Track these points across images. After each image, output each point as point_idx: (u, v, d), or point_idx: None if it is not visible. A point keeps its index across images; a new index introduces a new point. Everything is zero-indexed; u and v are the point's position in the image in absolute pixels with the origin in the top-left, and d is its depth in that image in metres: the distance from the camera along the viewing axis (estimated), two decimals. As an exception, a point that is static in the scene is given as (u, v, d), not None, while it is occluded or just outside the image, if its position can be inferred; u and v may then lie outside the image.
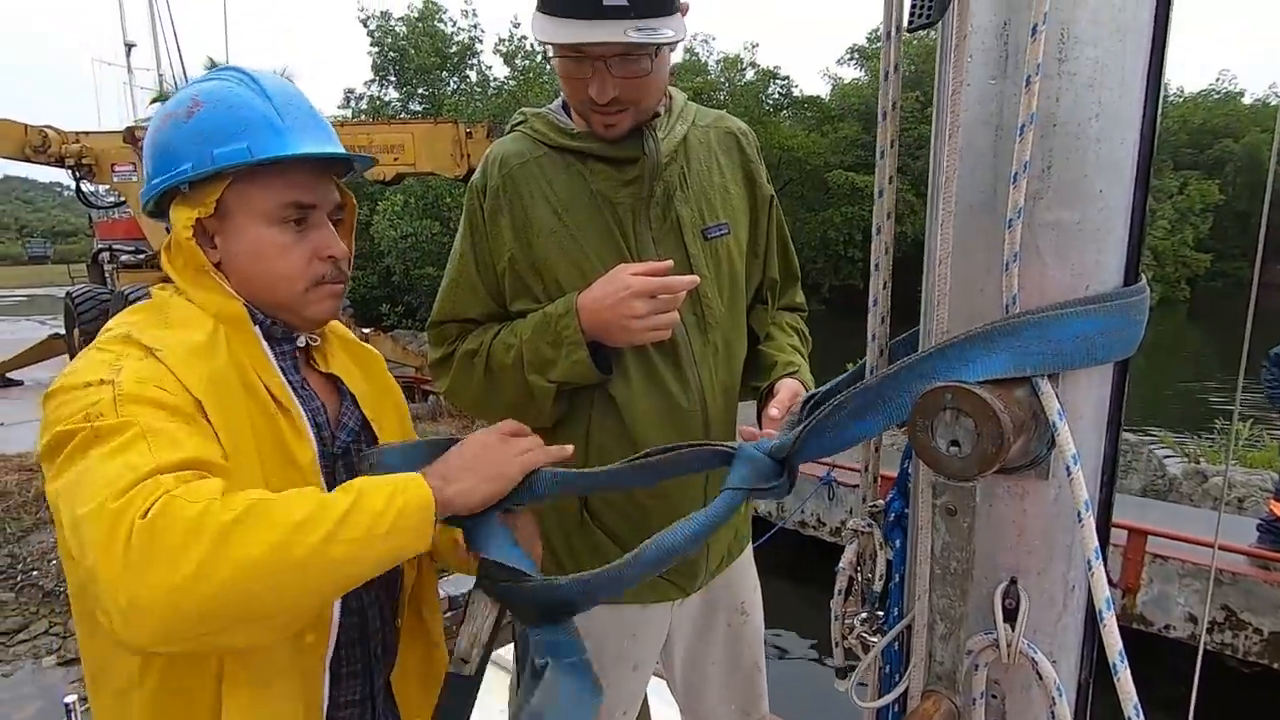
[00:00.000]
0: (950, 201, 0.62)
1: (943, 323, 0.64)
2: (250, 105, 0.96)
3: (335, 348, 1.10)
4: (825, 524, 7.39)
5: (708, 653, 1.50)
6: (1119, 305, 0.60)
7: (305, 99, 1.02)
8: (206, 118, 0.95)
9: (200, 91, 0.97)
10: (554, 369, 1.22)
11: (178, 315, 0.94)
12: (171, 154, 0.96)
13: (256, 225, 0.96)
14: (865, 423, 0.70)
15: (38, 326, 18.37)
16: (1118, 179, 0.59)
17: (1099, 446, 0.65)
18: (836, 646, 0.90)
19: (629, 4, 1.09)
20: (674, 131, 1.30)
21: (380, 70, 24.53)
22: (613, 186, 1.27)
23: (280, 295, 0.98)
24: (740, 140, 1.42)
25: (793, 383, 1.30)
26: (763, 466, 0.82)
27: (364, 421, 1.07)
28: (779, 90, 29.75)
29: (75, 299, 11.14)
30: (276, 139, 0.94)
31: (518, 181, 1.29)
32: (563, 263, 1.27)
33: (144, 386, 0.81)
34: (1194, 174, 32.06)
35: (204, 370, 0.87)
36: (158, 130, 0.97)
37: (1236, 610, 5.32)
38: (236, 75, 1.00)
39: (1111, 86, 0.56)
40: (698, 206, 1.31)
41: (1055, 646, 0.66)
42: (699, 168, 1.33)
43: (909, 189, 11.91)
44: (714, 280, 1.32)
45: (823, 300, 27.47)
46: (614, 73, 1.16)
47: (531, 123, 1.34)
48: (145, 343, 0.87)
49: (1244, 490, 6.89)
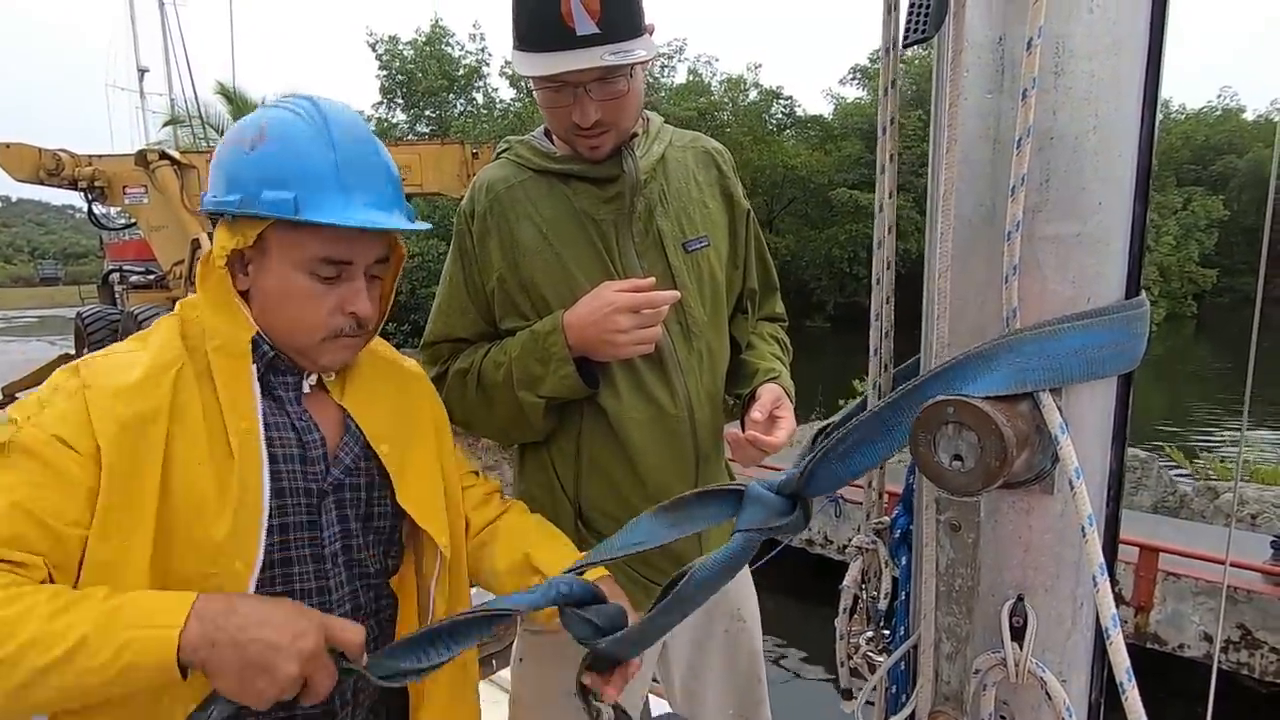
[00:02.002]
0: (949, 215, 0.62)
1: (943, 336, 0.63)
2: (311, 153, 0.93)
3: (362, 372, 1.08)
4: (833, 541, 7.33)
5: (705, 659, 1.51)
6: (1120, 319, 0.59)
7: (376, 149, 0.99)
8: (266, 155, 0.93)
9: (270, 122, 0.95)
10: (542, 385, 1.27)
11: (150, 340, 0.95)
12: (227, 178, 0.95)
13: (290, 270, 0.95)
14: (871, 451, 0.70)
15: (48, 347, 18.52)
16: (1117, 191, 0.58)
17: (1104, 460, 0.64)
18: (842, 666, 0.89)
19: (601, 30, 1.16)
20: (652, 150, 1.36)
21: (388, 93, 24.88)
22: (595, 204, 1.32)
23: (297, 339, 0.98)
24: (716, 158, 1.46)
25: (774, 386, 1.36)
26: (773, 504, 0.82)
27: (366, 454, 1.04)
28: (782, 110, 29.99)
29: (85, 319, 11.25)
30: (327, 199, 0.92)
31: (504, 205, 1.34)
32: (549, 280, 1.32)
33: (40, 436, 0.84)
34: (1198, 190, 32.06)
35: (121, 414, 0.86)
36: (224, 148, 0.97)
37: (1252, 629, 5.23)
38: (310, 110, 0.97)
39: (1108, 99, 0.56)
40: (678, 220, 1.36)
41: (1065, 665, 0.65)
42: (678, 184, 1.38)
43: (912, 205, 11.95)
44: (696, 291, 1.37)
45: (828, 318, 27.49)
46: (594, 96, 1.21)
47: (516, 149, 1.40)
48: (84, 376, 0.89)
49: (1257, 506, 6.81)
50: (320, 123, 0.95)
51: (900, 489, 0.84)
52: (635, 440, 1.31)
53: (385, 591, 1.08)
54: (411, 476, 1.06)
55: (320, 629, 0.86)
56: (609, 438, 1.33)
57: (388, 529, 1.07)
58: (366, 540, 1.04)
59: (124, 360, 0.92)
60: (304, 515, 0.97)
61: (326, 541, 0.99)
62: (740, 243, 1.47)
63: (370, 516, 1.04)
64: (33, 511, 0.82)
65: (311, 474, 0.98)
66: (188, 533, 0.88)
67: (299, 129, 0.94)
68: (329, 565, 0.99)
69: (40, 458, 0.83)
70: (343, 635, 0.88)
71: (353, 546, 1.02)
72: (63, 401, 0.87)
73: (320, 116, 0.96)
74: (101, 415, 0.85)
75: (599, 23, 1.15)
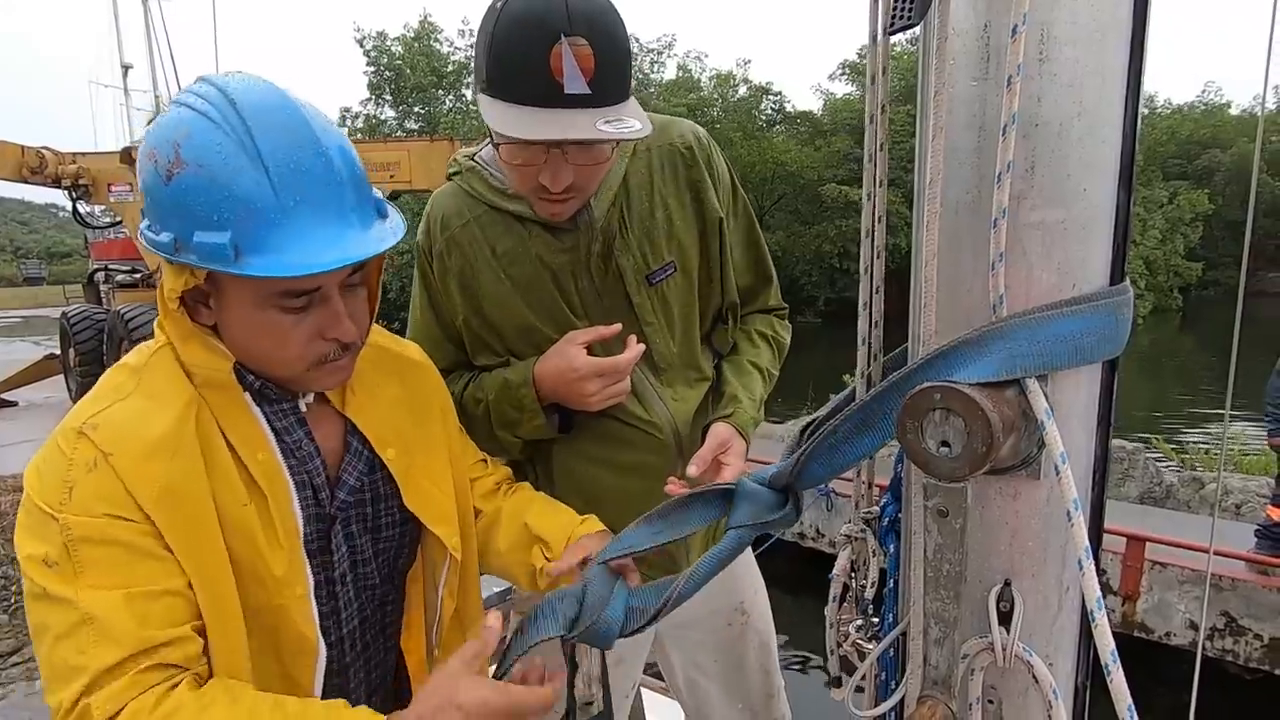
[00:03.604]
0: (935, 203, 0.62)
1: (930, 324, 0.64)
2: (238, 178, 0.78)
3: (362, 370, 1.00)
4: (824, 535, 7.36)
5: (706, 651, 1.50)
6: (1106, 305, 0.60)
7: (316, 142, 0.82)
8: (186, 187, 0.79)
9: (184, 140, 0.79)
10: (519, 429, 1.28)
11: (153, 382, 0.86)
12: (155, 211, 0.83)
13: (251, 308, 0.85)
14: (862, 442, 0.70)
15: (33, 347, 18.32)
16: (1101, 178, 0.59)
17: (1089, 446, 0.64)
18: (831, 655, 0.89)
19: (591, 92, 1.02)
20: (610, 181, 1.25)
21: (376, 89, 24.71)
22: (551, 252, 1.25)
23: (279, 372, 0.91)
24: (685, 156, 1.30)
25: (721, 429, 1.26)
26: (765, 499, 0.82)
27: (371, 467, 1.01)
28: (771, 106, 30.03)
29: (71, 319, 11.13)
30: (271, 235, 0.79)
31: (461, 244, 1.28)
32: (511, 324, 1.29)
33: (93, 520, 0.78)
34: (1183, 184, 32.35)
35: (160, 476, 0.81)
36: (142, 166, 0.83)
37: (1237, 616, 5.30)
38: (223, 109, 0.80)
39: (1092, 85, 0.57)
40: (640, 252, 1.27)
41: (1051, 649, 0.66)
42: (639, 209, 1.27)
43: (901, 200, 12.01)
44: (662, 325, 1.30)
45: (818, 314, 27.57)
46: (570, 160, 1.09)
47: (468, 179, 1.30)
48: (98, 442, 0.80)
49: (1241, 496, 6.90)
50: (239, 128, 0.79)
51: (890, 483, 0.85)
52: (619, 460, 1.30)
53: (390, 598, 1.07)
54: (419, 478, 1.04)
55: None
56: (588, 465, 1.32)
57: (396, 537, 1.05)
58: (376, 552, 1.03)
59: (133, 412, 0.84)
60: (315, 543, 0.94)
61: (336, 564, 0.97)
62: (713, 255, 1.34)
63: (379, 529, 1.03)
64: (147, 589, 0.79)
65: (319, 501, 0.95)
66: (253, 570, 0.87)
67: (216, 144, 0.78)
68: (338, 587, 0.98)
69: (106, 540, 0.78)
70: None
71: (359, 563, 1.01)
72: (88, 476, 0.80)
73: (237, 118, 0.79)
74: (138, 482, 0.80)
75: (591, 83, 1.02)
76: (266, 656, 0.90)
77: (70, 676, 0.75)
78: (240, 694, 0.81)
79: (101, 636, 0.76)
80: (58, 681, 0.76)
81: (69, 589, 0.77)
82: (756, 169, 26.15)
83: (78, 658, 0.76)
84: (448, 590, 1.08)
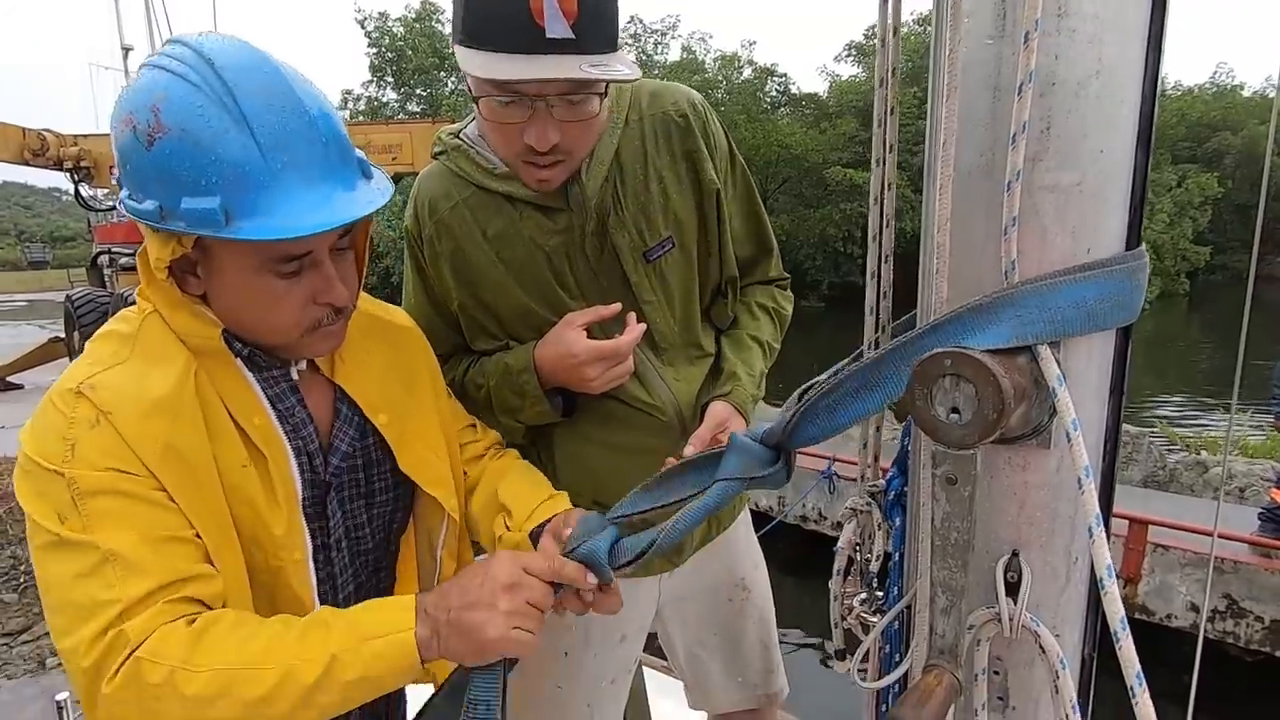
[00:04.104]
0: (949, 166, 0.61)
1: (942, 291, 0.62)
2: (223, 141, 0.76)
3: (351, 338, 0.99)
4: (827, 518, 7.38)
5: (707, 627, 1.50)
6: (1122, 270, 0.59)
7: (298, 100, 0.80)
8: (170, 152, 0.76)
9: (162, 104, 0.76)
10: (521, 414, 1.26)
11: (148, 347, 0.85)
12: (133, 178, 0.80)
13: (244, 273, 0.84)
14: (864, 401, 0.68)
15: (38, 331, 18.37)
16: (1118, 138, 0.57)
17: (1101, 415, 0.64)
18: (835, 628, 0.89)
19: (575, 35, 0.97)
20: (602, 156, 1.20)
21: (378, 71, 24.53)
22: (543, 234, 1.21)
23: (273, 339, 0.90)
24: (680, 124, 1.24)
25: (720, 408, 1.24)
26: (756, 453, 0.81)
27: (363, 432, 1.01)
28: (777, 88, 29.77)
29: (75, 303, 11.14)
30: (261, 197, 0.77)
31: (451, 228, 1.24)
32: (507, 307, 1.26)
33: (99, 474, 0.78)
34: (1192, 167, 32.03)
35: (161, 434, 0.80)
36: (118, 132, 0.80)
37: (1238, 599, 5.31)
38: (202, 70, 0.77)
39: (1112, 42, 0.55)
40: (636, 228, 1.22)
41: (1058, 620, 0.65)
42: (633, 183, 1.22)
43: (907, 185, 11.93)
44: (661, 302, 1.27)
45: (821, 298, 27.47)
46: (557, 115, 1.04)
47: (454, 159, 1.25)
48: (97, 402, 0.79)
49: (1245, 480, 6.89)
50: (220, 89, 0.76)
51: (895, 457, 0.84)
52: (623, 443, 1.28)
53: (384, 564, 1.08)
54: (412, 441, 1.04)
55: (516, 582, 0.85)
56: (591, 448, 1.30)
57: (390, 502, 1.05)
58: (370, 517, 1.03)
59: (132, 374, 0.83)
60: (311, 508, 0.95)
61: (331, 530, 0.98)
62: (711, 228, 1.30)
63: (372, 494, 1.03)
64: (161, 534, 0.79)
65: (314, 467, 0.95)
66: (252, 532, 0.87)
67: (198, 107, 0.76)
68: (334, 553, 0.98)
69: (115, 491, 0.78)
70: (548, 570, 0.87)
71: (353, 528, 1.01)
72: (90, 433, 0.79)
73: (216, 79, 0.77)
74: (139, 439, 0.79)
75: (574, 26, 0.97)
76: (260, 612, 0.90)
77: (96, 610, 0.75)
78: (263, 619, 0.83)
79: (128, 570, 0.76)
80: (78, 619, 0.76)
81: (87, 535, 0.77)
82: (761, 152, 25.95)
83: (106, 591, 0.75)
84: (447, 552, 1.08)
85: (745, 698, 1.54)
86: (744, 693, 1.54)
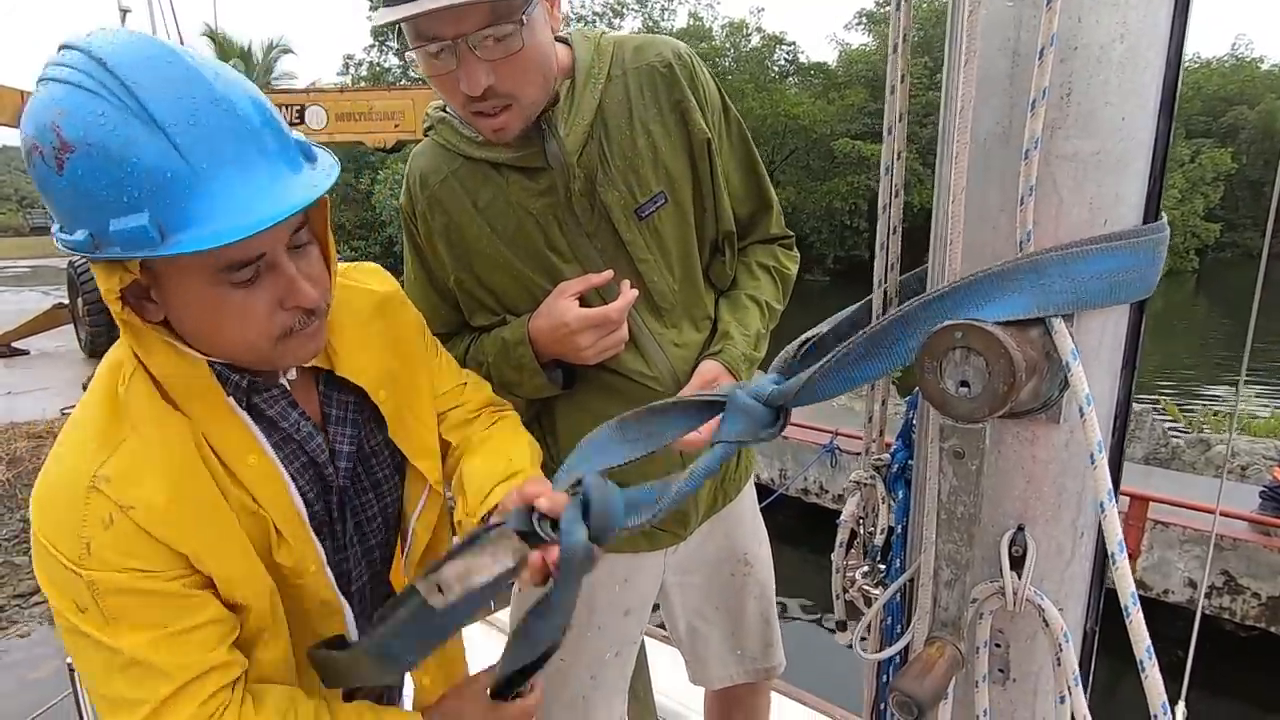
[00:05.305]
0: (965, 134, 0.59)
1: (955, 260, 0.61)
2: (135, 147, 0.68)
3: (341, 320, 0.94)
4: (828, 491, 7.44)
5: (708, 599, 1.51)
6: (1146, 242, 0.57)
7: (209, 88, 0.71)
8: (82, 172, 0.68)
9: (60, 120, 0.68)
10: (520, 389, 1.27)
11: (140, 416, 0.80)
12: (59, 209, 0.72)
13: (198, 288, 0.76)
14: (872, 365, 0.67)
15: (41, 297, 18.39)
16: (1141, 106, 0.56)
17: (1113, 390, 0.63)
18: (837, 599, 0.89)
19: None
20: (581, 109, 1.17)
21: (379, 34, 24.11)
22: (529, 197, 1.19)
23: (245, 357, 0.83)
24: (665, 75, 1.21)
25: (710, 366, 1.25)
26: (759, 416, 0.79)
27: (356, 423, 0.98)
28: (785, 56, 29.24)
29: (78, 269, 11.13)
30: (192, 203, 0.69)
31: (443, 201, 1.23)
32: (502, 279, 1.25)
33: (118, 575, 0.76)
34: (1206, 142, 31.49)
35: (181, 515, 0.79)
36: (33, 168, 0.71)
37: (1236, 575, 5.36)
38: (97, 74, 0.68)
39: (1138, 4, 0.53)
40: (625, 184, 1.19)
41: (1063, 595, 0.65)
42: (619, 138, 1.19)
43: (916, 158, 11.78)
44: (659, 261, 1.24)
45: (826, 271, 27.30)
46: (480, 55, 1.02)
47: (441, 132, 1.24)
48: (113, 497, 0.76)
49: (1247, 458, 6.91)
50: (119, 91, 0.68)
51: (900, 429, 0.83)
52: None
53: (390, 549, 1.08)
54: (405, 414, 1.03)
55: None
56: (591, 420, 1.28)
57: (395, 485, 1.05)
58: (381, 508, 1.03)
59: (138, 458, 0.78)
60: (322, 516, 0.95)
61: (343, 533, 0.98)
62: (705, 180, 1.26)
63: (378, 483, 1.02)
64: (179, 628, 0.80)
65: (324, 476, 0.95)
66: (270, 559, 0.89)
67: (99, 114, 0.68)
68: (348, 550, 0.99)
69: (134, 590, 0.77)
70: None
71: (364, 520, 1.02)
72: (105, 533, 0.76)
73: (114, 79, 0.68)
74: (166, 530, 0.78)
75: None
76: (297, 620, 0.93)
77: (129, 707, 0.78)
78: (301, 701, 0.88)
79: (148, 674, 0.78)
80: (115, 713, 0.80)
81: (105, 635, 0.78)
82: (768, 122, 25.56)
83: (134, 690, 0.78)
84: (422, 524, 1.05)
85: (743, 671, 1.56)
86: (742, 666, 1.56)
